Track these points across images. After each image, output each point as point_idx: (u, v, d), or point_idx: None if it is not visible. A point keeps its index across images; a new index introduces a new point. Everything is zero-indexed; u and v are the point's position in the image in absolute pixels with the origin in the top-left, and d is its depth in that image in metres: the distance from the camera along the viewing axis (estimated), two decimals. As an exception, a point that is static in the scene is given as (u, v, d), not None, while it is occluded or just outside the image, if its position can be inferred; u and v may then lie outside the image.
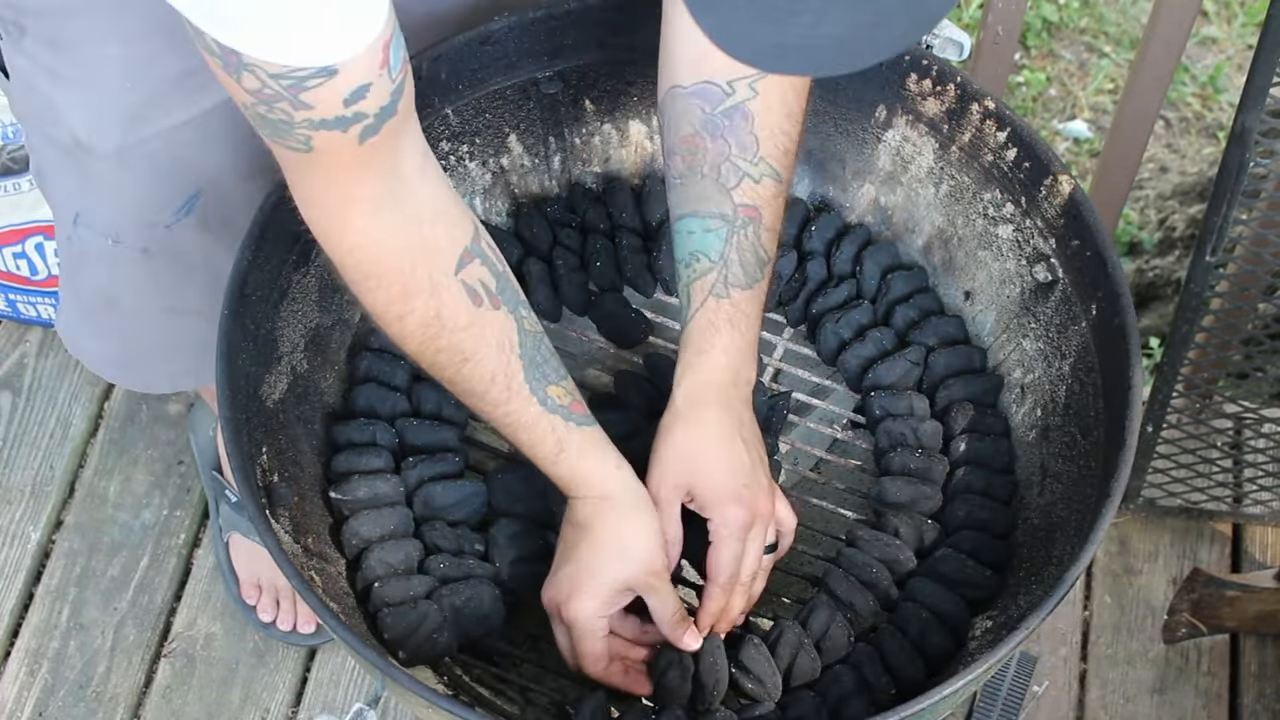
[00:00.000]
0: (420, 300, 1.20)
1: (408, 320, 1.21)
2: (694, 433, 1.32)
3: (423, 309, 1.20)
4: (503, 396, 1.26)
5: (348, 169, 1.12)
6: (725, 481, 1.31)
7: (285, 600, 1.99)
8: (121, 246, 1.51)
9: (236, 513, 1.99)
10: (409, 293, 1.20)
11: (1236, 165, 1.56)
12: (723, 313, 1.33)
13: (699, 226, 1.34)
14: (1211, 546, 2.07)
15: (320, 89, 1.04)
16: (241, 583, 2.00)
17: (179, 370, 1.68)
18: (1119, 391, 1.32)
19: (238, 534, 1.99)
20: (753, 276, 1.34)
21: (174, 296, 1.58)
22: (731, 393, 1.33)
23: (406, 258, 1.19)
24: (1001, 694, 1.90)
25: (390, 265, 1.18)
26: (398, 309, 1.20)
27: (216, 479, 2.02)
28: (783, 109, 1.32)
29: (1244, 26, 2.79)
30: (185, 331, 1.61)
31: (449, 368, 1.24)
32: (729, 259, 1.33)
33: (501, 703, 1.35)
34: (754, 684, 1.32)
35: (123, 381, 1.83)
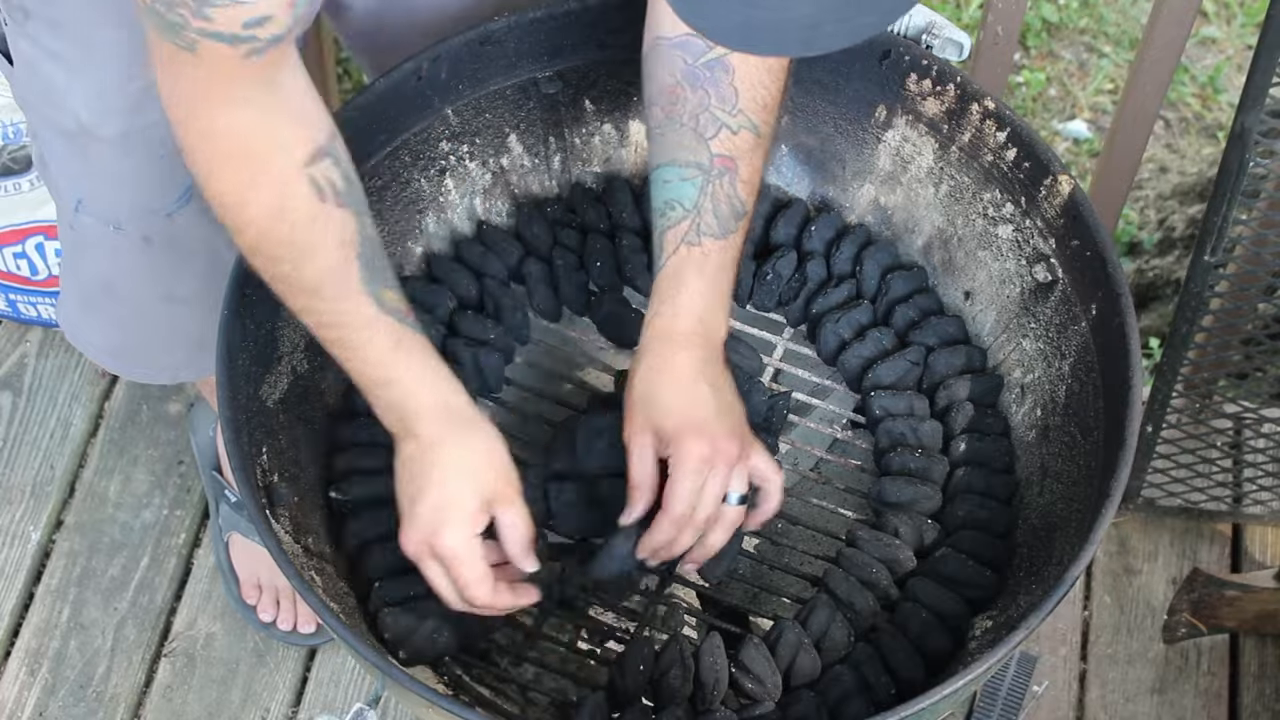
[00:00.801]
0: (266, 189, 1.20)
1: (250, 208, 1.20)
2: (656, 373, 1.32)
3: (268, 198, 1.20)
4: (339, 292, 1.24)
5: (222, 74, 1.14)
6: (683, 414, 1.30)
7: (285, 600, 1.99)
8: (122, 233, 1.51)
9: (236, 513, 1.99)
10: (255, 181, 1.19)
11: (1236, 165, 1.56)
12: (693, 260, 1.34)
13: (675, 175, 1.34)
14: (1211, 546, 2.07)
15: (226, 9, 1.08)
16: (241, 583, 2.00)
17: (178, 362, 1.69)
18: (1119, 391, 1.32)
19: (238, 534, 1.99)
20: (726, 227, 1.34)
21: (173, 285, 1.58)
22: (697, 340, 1.33)
23: (259, 145, 1.18)
24: (1001, 694, 1.90)
25: (241, 150, 1.18)
26: (243, 194, 1.20)
27: (216, 479, 2.02)
28: (763, 63, 1.33)
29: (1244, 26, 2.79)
30: (183, 321, 1.62)
31: (285, 261, 1.23)
32: (703, 207, 1.34)
33: (501, 703, 1.35)
34: (754, 684, 1.32)
35: (122, 371, 1.83)
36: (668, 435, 1.30)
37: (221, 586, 2.02)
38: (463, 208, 1.58)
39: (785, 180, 1.61)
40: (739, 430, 1.32)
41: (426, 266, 1.56)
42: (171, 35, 1.10)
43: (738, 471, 1.32)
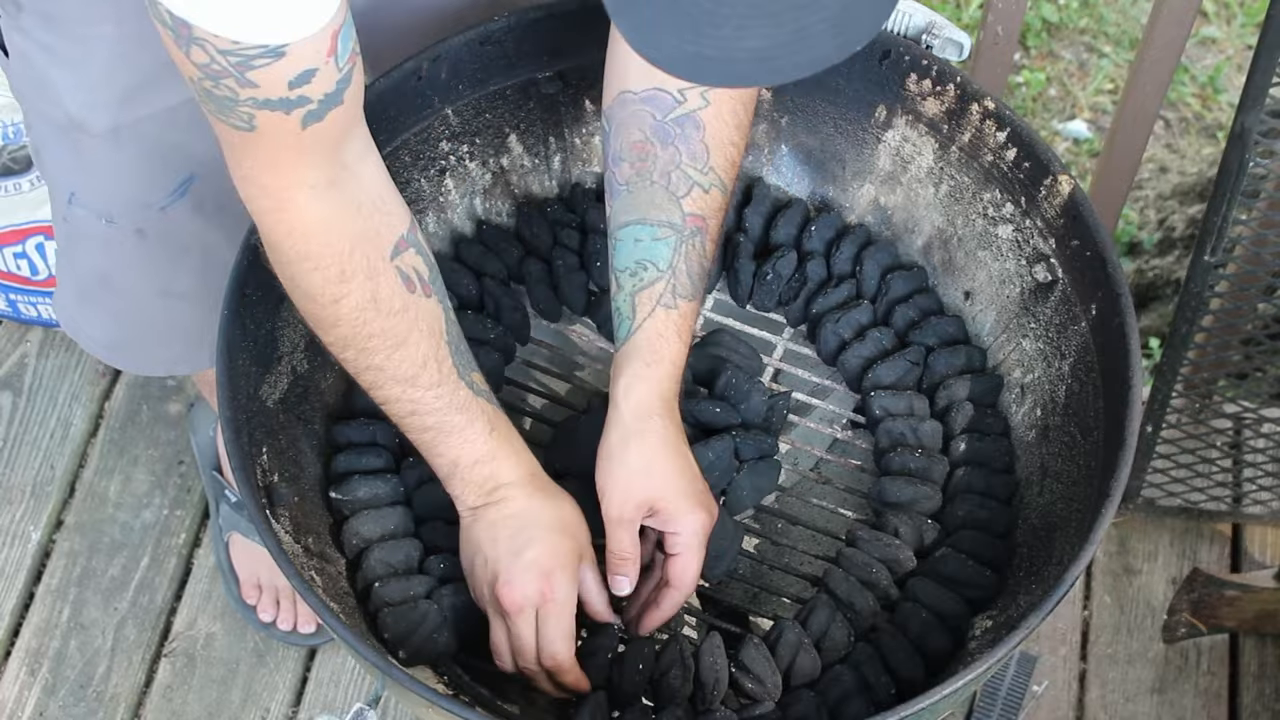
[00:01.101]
0: (357, 283, 1.20)
1: (343, 304, 1.21)
2: (648, 447, 1.30)
3: (359, 292, 1.21)
4: (435, 379, 1.26)
5: (289, 151, 1.13)
6: (680, 488, 1.30)
7: (285, 600, 1.99)
8: (115, 227, 1.51)
9: (236, 513, 1.99)
10: (346, 275, 1.20)
11: (1236, 165, 1.56)
12: (671, 325, 1.33)
13: (647, 234, 1.33)
14: (1211, 546, 2.07)
15: (267, 69, 1.06)
16: (241, 583, 2.00)
17: (175, 356, 1.69)
18: (1119, 391, 1.32)
19: (238, 534, 1.99)
20: (697, 288, 1.34)
21: (168, 279, 1.58)
22: (674, 403, 1.34)
23: (345, 241, 1.19)
24: (1001, 694, 1.90)
25: (329, 248, 1.19)
26: (334, 291, 1.20)
27: (216, 479, 2.02)
28: (733, 119, 1.33)
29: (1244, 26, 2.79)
30: (179, 315, 1.62)
31: (380, 352, 1.24)
32: (677, 268, 1.33)
33: (501, 703, 1.35)
34: (754, 684, 1.32)
35: (119, 363, 1.83)
36: (665, 510, 1.30)
37: (221, 586, 2.02)
38: (463, 208, 1.58)
39: (785, 180, 1.61)
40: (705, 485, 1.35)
41: (426, 266, 1.56)
42: (227, 115, 1.10)
43: None
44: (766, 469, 1.43)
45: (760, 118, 1.58)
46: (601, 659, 1.34)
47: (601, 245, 1.55)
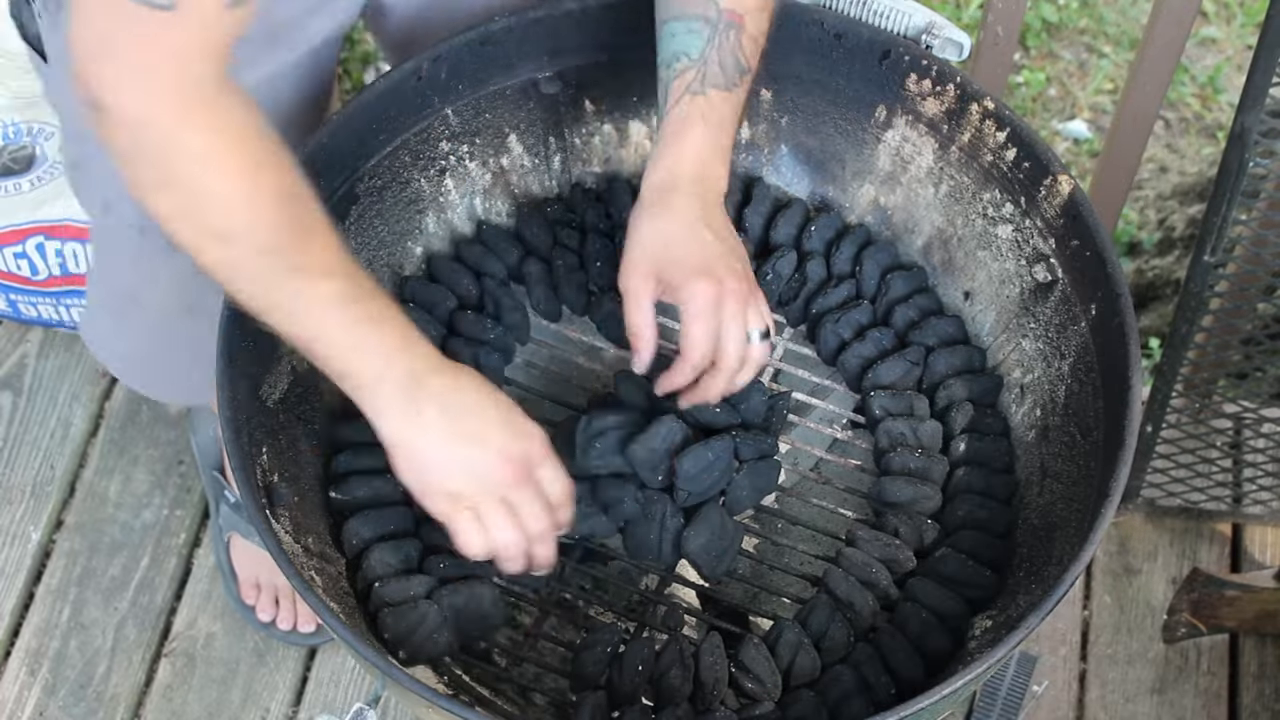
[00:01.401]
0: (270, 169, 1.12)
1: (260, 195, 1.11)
2: (660, 219, 1.32)
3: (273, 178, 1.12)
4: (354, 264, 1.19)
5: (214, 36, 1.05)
6: (690, 259, 1.31)
7: (285, 600, 1.99)
8: (146, 238, 1.50)
9: (236, 513, 1.99)
10: (260, 162, 1.11)
11: (1236, 165, 1.56)
12: (697, 108, 1.35)
13: (682, 29, 1.36)
14: (1211, 546, 2.07)
15: None
16: (241, 582, 2.00)
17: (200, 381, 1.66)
18: (1119, 391, 1.32)
19: (237, 534, 2.00)
20: (731, 79, 1.36)
21: (195, 295, 1.56)
22: (699, 186, 1.33)
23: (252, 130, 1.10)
24: (1001, 694, 1.90)
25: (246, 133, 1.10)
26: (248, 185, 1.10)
27: (217, 479, 2.02)
28: None
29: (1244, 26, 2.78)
30: (205, 335, 1.59)
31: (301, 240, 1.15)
32: (709, 58, 1.35)
33: (501, 703, 1.35)
34: (754, 684, 1.32)
35: (145, 388, 1.81)
36: (672, 279, 1.31)
37: (221, 586, 2.02)
38: (463, 208, 1.58)
39: (785, 180, 1.61)
40: (745, 271, 1.33)
41: (426, 266, 1.56)
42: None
43: (752, 309, 1.33)
44: (766, 469, 1.43)
45: (760, 118, 1.58)
46: (601, 658, 1.34)
47: (602, 245, 1.55)
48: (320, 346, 1.19)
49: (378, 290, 1.21)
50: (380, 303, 1.21)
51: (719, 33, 1.35)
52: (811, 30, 1.50)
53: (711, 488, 1.39)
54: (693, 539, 1.38)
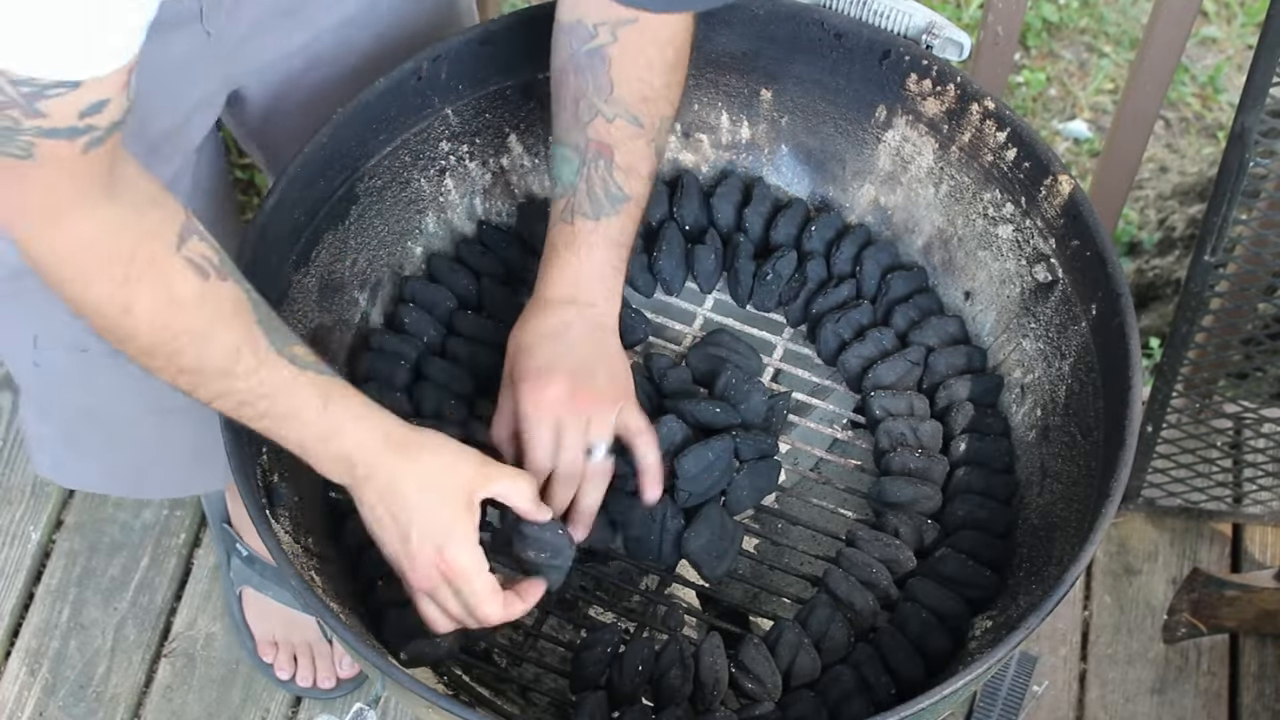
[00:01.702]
0: (147, 284, 1.13)
1: (135, 308, 1.13)
2: (519, 329, 1.37)
3: (150, 293, 1.13)
4: (252, 365, 1.19)
5: (67, 176, 1.07)
6: (526, 363, 1.35)
7: (303, 657, 1.94)
8: (91, 354, 1.44)
9: (249, 566, 1.94)
10: (131, 278, 1.12)
11: (1236, 165, 1.56)
12: (563, 236, 1.38)
13: (559, 154, 1.39)
14: (1211, 546, 2.07)
15: (58, 99, 1.00)
16: (257, 640, 1.95)
17: (180, 479, 1.64)
18: (1119, 391, 1.32)
19: (250, 588, 1.95)
20: (600, 209, 1.38)
21: (158, 395, 1.46)
22: (567, 305, 1.36)
23: (126, 244, 1.12)
24: (1001, 694, 1.90)
25: (109, 254, 1.11)
26: (121, 298, 1.12)
27: (227, 532, 1.97)
28: (642, 58, 1.35)
29: (1244, 26, 2.78)
30: (177, 433, 1.57)
31: (188, 351, 1.17)
32: (578, 188, 1.38)
33: (501, 703, 1.35)
34: (754, 684, 1.32)
35: (127, 491, 1.77)
36: (516, 379, 1.34)
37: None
38: (463, 208, 1.58)
39: (785, 180, 1.61)
40: (605, 387, 1.34)
41: (426, 266, 1.56)
42: (3, 145, 1.02)
43: (595, 424, 1.33)
44: (766, 469, 1.43)
45: (760, 118, 1.58)
46: (601, 658, 1.34)
47: (601, 245, 1.55)
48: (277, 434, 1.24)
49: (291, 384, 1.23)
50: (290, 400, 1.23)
51: (587, 163, 1.37)
52: (811, 30, 1.50)
53: (712, 488, 1.39)
54: (693, 539, 1.38)
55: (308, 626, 1.92)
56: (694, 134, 1.60)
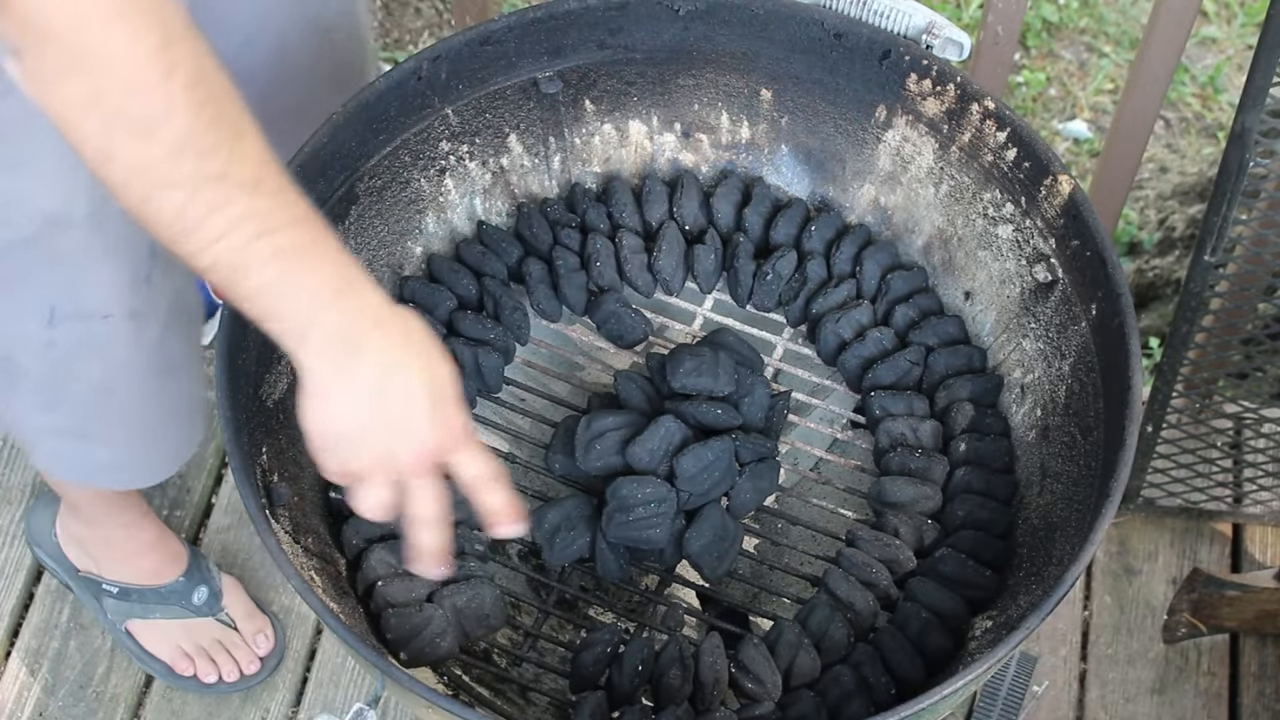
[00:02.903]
0: (185, 46, 0.95)
1: (175, 77, 0.94)
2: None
3: (190, 59, 0.95)
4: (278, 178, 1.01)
5: None
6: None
7: (218, 654, 1.91)
8: (111, 321, 1.39)
9: (125, 600, 1.90)
10: (171, 38, 0.94)
11: (1236, 165, 1.56)
12: None
13: None
14: (1211, 546, 2.07)
15: None
16: (169, 662, 1.92)
17: (182, 437, 1.61)
18: (1119, 391, 1.32)
19: (135, 620, 1.91)
20: None
21: (166, 355, 1.50)
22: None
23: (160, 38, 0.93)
24: (1001, 694, 1.91)
25: (144, 5, 0.93)
26: (163, 62, 0.93)
27: (85, 580, 1.92)
28: None
29: (1244, 26, 2.79)
30: (180, 390, 1.55)
31: (223, 148, 0.98)
32: None
33: (501, 703, 1.35)
34: (754, 684, 1.32)
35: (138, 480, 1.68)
36: None
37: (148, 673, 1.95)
38: (463, 208, 1.58)
39: (785, 180, 1.61)
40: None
41: (426, 266, 1.56)
42: None
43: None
44: (767, 470, 1.43)
45: (760, 118, 1.58)
46: (601, 658, 1.34)
47: (602, 245, 1.55)
48: (242, 283, 1.02)
49: (313, 216, 1.04)
50: (314, 230, 1.04)
51: None
52: (811, 30, 1.50)
53: (712, 489, 1.39)
54: (694, 540, 1.38)
55: (207, 625, 1.91)
56: (694, 134, 1.60)
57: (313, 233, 1.04)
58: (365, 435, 1.12)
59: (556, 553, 1.39)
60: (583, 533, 1.39)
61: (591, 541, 1.39)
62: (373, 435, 1.12)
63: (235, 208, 0.99)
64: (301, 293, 1.04)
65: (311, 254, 1.04)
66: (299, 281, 1.04)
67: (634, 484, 1.37)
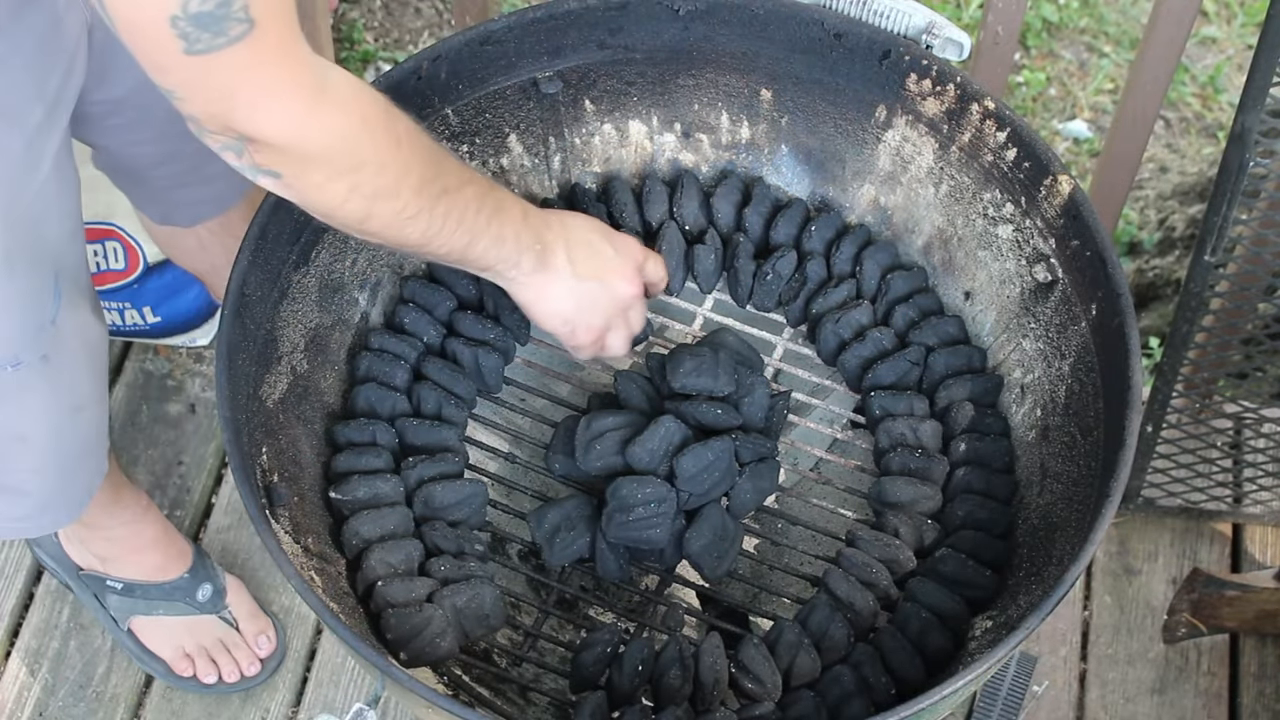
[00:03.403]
0: (395, 113, 1.19)
1: (403, 143, 1.19)
2: None
3: (400, 120, 1.19)
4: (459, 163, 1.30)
5: (291, 37, 1.06)
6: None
7: (219, 654, 1.92)
8: (22, 368, 1.41)
9: (129, 596, 1.90)
10: (390, 115, 1.18)
11: (1236, 165, 1.56)
12: None
13: None
14: (1211, 546, 2.07)
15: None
16: (169, 661, 1.92)
17: (91, 470, 1.62)
18: (1119, 391, 1.32)
19: (138, 617, 1.91)
20: None
21: (75, 393, 1.50)
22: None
23: (364, 90, 1.15)
24: (1001, 694, 1.90)
25: (366, 107, 1.15)
26: (392, 137, 1.17)
27: (88, 577, 1.93)
28: None
29: (1244, 26, 2.79)
30: (87, 426, 1.55)
31: (435, 165, 1.23)
32: None
33: (501, 703, 1.35)
34: (754, 684, 1.32)
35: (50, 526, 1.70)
36: None
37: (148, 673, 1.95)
38: (463, 208, 1.58)
39: (785, 180, 1.61)
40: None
41: (427, 266, 1.56)
42: (218, 29, 1.00)
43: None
44: (767, 470, 1.43)
45: (760, 118, 1.58)
46: (601, 658, 1.34)
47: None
48: (475, 249, 1.30)
49: (488, 179, 1.33)
50: (498, 191, 1.32)
51: None
52: (811, 30, 1.50)
53: (712, 489, 1.39)
54: (695, 540, 1.38)
55: (210, 623, 1.91)
56: (694, 134, 1.60)
57: (495, 190, 1.31)
58: (587, 301, 1.40)
59: (556, 553, 1.39)
60: (583, 533, 1.39)
61: (591, 541, 1.39)
62: (593, 297, 1.40)
63: (458, 207, 1.25)
64: (507, 237, 1.32)
65: (502, 206, 1.31)
66: (503, 230, 1.31)
67: (634, 484, 1.37)
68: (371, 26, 2.70)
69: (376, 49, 2.65)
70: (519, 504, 1.49)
